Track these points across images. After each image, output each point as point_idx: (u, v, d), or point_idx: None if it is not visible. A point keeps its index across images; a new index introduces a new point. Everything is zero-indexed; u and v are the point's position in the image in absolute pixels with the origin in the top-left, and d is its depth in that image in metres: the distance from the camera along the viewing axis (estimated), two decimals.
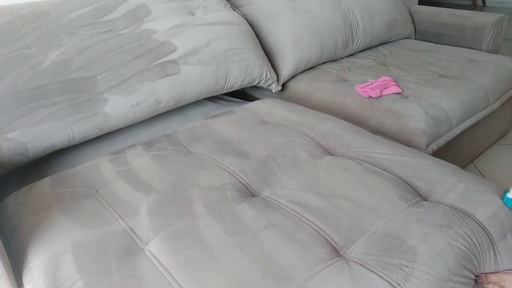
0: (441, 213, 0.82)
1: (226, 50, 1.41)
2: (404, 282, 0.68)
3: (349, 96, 1.46)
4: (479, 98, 1.47)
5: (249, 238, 0.78)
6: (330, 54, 1.76)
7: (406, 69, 1.65)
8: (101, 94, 1.17)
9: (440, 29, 2.04)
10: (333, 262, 0.73)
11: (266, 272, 0.70)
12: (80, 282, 0.71)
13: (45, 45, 1.17)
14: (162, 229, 0.82)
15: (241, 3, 1.73)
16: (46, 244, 0.80)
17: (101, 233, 0.81)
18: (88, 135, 1.17)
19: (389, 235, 0.77)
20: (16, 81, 1.09)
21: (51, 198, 0.94)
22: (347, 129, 1.16)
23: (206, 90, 1.39)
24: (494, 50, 1.95)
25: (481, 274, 0.76)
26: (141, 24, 1.33)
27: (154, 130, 1.33)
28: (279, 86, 1.62)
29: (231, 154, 1.06)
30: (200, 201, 0.89)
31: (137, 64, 1.24)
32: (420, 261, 0.72)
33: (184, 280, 0.70)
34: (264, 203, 0.88)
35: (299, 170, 0.98)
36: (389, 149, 1.05)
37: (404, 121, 1.30)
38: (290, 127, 1.19)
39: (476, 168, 1.72)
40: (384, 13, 1.94)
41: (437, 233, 0.77)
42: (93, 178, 1.01)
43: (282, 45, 1.63)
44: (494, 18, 1.89)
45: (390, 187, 0.89)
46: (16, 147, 1.05)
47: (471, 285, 0.74)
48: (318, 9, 1.74)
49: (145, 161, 1.05)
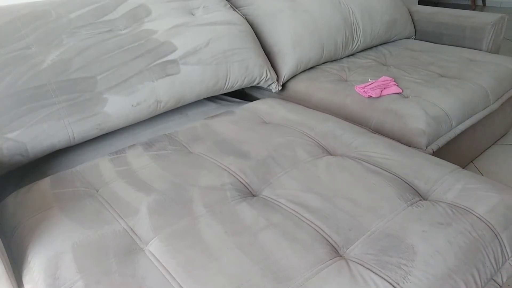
0: (440, 211, 0.82)
1: (226, 50, 1.41)
2: (403, 281, 0.68)
3: (349, 96, 1.46)
4: (479, 98, 1.47)
5: (249, 238, 0.78)
6: (330, 54, 1.76)
7: (406, 69, 1.65)
8: (101, 94, 1.17)
9: (440, 29, 2.04)
10: (333, 262, 0.73)
11: (266, 272, 0.71)
12: (80, 282, 0.71)
13: (45, 45, 1.17)
14: (162, 229, 0.82)
15: (241, 3, 1.73)
16: (46, 244, 0.80)
17: (101, 233, 0.82)
18: (88, 135, 1.17)
19: (388, 234, 0.77)
20: (16, 81, 1.09)
21: (51, 198, 0.94)
22: (347, 129, 1.16)
23: (206, 90, 1.39)
24: (494, 50, 1.95)
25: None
26: (141, 24, 1.33)
27: (154, 130, 1.33)
28: (279, 86, 1.62)
29: (231, 154, 1.06)
30: (200, 201, 0.89)
31: (137, 64, 1.24)
32: (419, 260, 0.72)
33: (184, 280, 0.71)
34: (264, 203, 0.88)
35: (299, 170, 0.98)
36: (389, 149, 1.05)
37: (404, 121, 1.30)
38: (290, 127, 1.19)
39: (476, 168, 1.72)
40: (384, 13, 1.94)
41: (436, 231, 0.77)
42: (93, 178, 1.01)
43: (282, 45, 1.63)
44: (494, 18, 1.89)
45: (390, 187, 0.89)
46: (16, 147, 1.05)
47: (472, 284, 0.74)
48: (318, 9, 1.74)
49: (145, 161, 1.05)
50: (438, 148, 1.32)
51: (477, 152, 1.74)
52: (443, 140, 1.34)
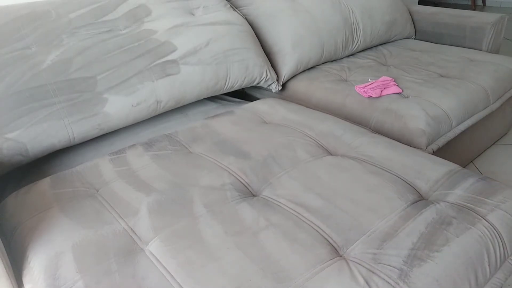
0: (441, 211, 0.82)
1: (226, 50, 1.41)
2: (404, 281, 0.68)
3: (349, 96, 1.46)
4: (479, 98, 1.47)
5: (249, 238, 0.78)
6: (330, 54, 1.76)
7: (406, 69, 1.65)
8: (101, 94, 1.17)
9: (440, 29, 2.04)
10: (333, 262, 0.73)
11: (266, 272, 0.71)
12: (80, 282, 0.71)
13: (45, 45, 1.17)
14: (162, 229, 0.82)
15: (241, 3, 1.73)
16: (46, 244, 0.80)
17: (101, 233, 0.81)
18: (88, 135, 1.17)
19: (388, 234, 0.77)
20: (16, 81, 1.09)
21: (51, 198, 0.94)
22: (347, 129, 1.16)
23: (206, 90, 1.39)
24: (494, 50, 1.95)
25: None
26: (141, 24, 1.33)
27: (154, 130, 1.33)
28: (279, 86, 1.62)
29: (231, 154, 1.06)
30: (200, 201, 0.89)
31: (137, 64, 1.24)
32: (419, 260, 0.72)
33: (184, 280, 0.70)
34: (264, 203, 0.88)
35: (299, 170, 0.98)
36: (389, 148, 1.05)
37: (404, 121, 1.30)
38: (290, 127, 1.19)
39: (476, 168, 1.72)
40: (384, 13, 1.94)
41: (436, 231, 0.77)
42: (93, 178, 1.01)
43: (282, 45, 1.63)
44: (494, 18, 1.89)
45: (390, 187, 0.89)
46: (16, 147, 1.05)
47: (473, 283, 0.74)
48: (318, 9, 1.74)
49: (145, 161, 1.05)
50: (438, 148, 1.32)
51: (477, 152, 1.74)
52: (443, 140, 1.34)
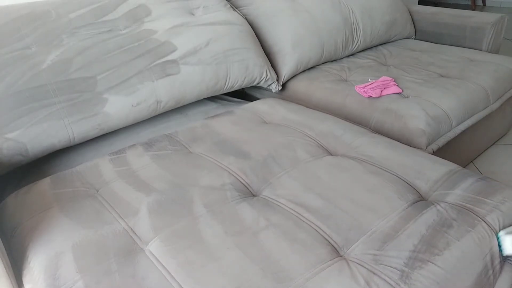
0: (441, 212, 0.82)
1: (226, 50, 1.41)
2: (404, 282, 0.68)
3: (349, 96, 1.46)
4: (479, 98, 1.47)
5: (249, 238, 0.78)
6: (330, 54, 1.76)
7: (406, 69, 1.65)
8: (101, 94, 1.17)
9: (440, 29, 2.04)
10: (333, 262, 0.73)
11: (266, 272, 0.71)
12: (80, 282, 0.71)
13: (45, 45, 1.17)
14: (162, 229, 0.82)
15: (241, 3, 1.73)
16: (46, 244, 0.80)
17: (101, 233, 0.81)
18: (88, 135, 1.17)
19: (388, 234, 0.77)
20: (16, 81, 1.09)
21: (51, 198, 0.94)
22: (347, 129, 1.16)
23: (206, 90, 1.39)
24: (494, 50, 1.95)
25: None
26: (141, 24, 1.33)
27: (154, 130, 1.33)
28: (279, 86, 1.62)
29: (231, 154, 1.06)
30: (200, 201, 0.89)
31: (137, 64, 1.24)
32: (419, 261, 0.72)
33: (184, 280, 0.70)
34: (264, 203, 0.88)
35: (299, 170, 0.98)
36: (389, 148, 1.05)
37: (404, 121, 1.30)
38: (290, 127, 1.19)
39: (476, 168, 1.72)
40: (384, 13, 1.94)
41: (436, 231, 0.77)
42: (93, 178, 1.01)
43: (282, 45, 1.63)
44: (494, 18, 1.89)
45: (390, 187, 0.89)
46: (16, 147, 1.05)
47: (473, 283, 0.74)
48: (318, 9, 1.74)
49: (145, 161, 1.05)
50: (438, 148, 1.32)
51: (477, 152, 1.74)
52: (443, 140, 1.34)
